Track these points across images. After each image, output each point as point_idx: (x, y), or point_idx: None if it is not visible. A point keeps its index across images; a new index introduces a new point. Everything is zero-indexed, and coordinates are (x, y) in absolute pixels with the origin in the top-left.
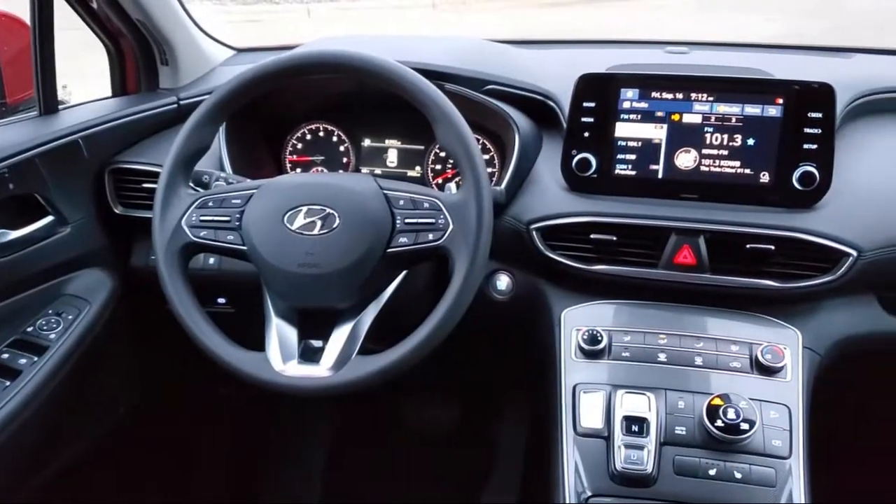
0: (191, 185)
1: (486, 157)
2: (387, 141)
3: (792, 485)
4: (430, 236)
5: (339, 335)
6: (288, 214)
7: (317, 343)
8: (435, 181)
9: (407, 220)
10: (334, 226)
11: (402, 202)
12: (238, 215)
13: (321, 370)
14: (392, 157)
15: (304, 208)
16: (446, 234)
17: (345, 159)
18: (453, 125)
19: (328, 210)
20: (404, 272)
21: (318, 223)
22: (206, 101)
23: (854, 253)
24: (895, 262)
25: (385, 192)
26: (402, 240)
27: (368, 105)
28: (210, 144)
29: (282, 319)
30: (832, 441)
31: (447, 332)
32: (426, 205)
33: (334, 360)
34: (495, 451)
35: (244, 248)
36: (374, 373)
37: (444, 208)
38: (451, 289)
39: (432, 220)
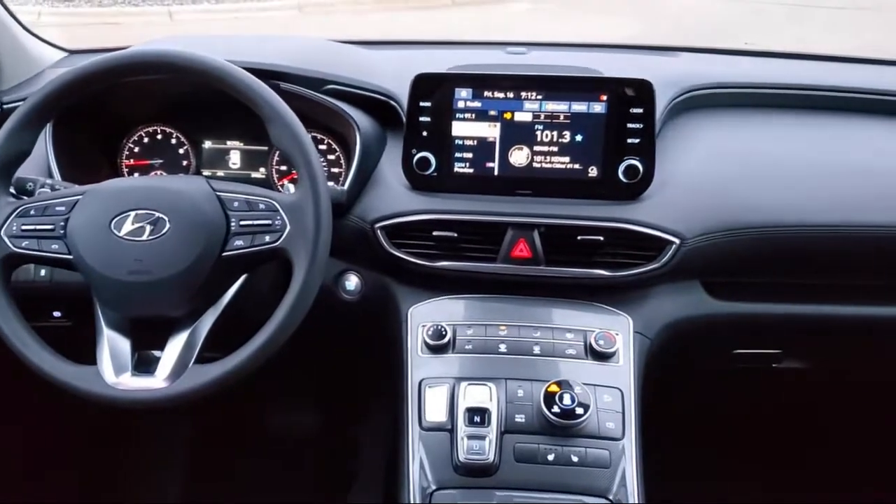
0: (12, 192)
1: (332, 157)
2: (229, 142)
3: (625, 464)
4: (267, 238)
5: (175, 344)
6: (115, 220)
7: (152, 353)
8: (280, 182)
9: (242, 222)
10: (164, 230)
11: (236, 204)
12: (62, 223)
13: (156, 381)
14: (235, 159)
15: (132, 213)
16: (284, 235)
17: (185, 162)
18: (286, 124)
19: (157, 214)
20: (244, 276)
21: (148, 228)
22: (23, 105)
23: (677, 241)
24: (715, 248)
25: (218, 193)
26: (238, 242)
27: (209, 106)
28: (30, 150)
29: (113, 330)
30: (664, 420)
31: (288, 335)
32: (262, 206)
33: (170, 370)
34: (360, 453)
35: (69, 257)
36: (212, 381)
37: (280, 209)
38: (290, 291)
39: (268, 222)
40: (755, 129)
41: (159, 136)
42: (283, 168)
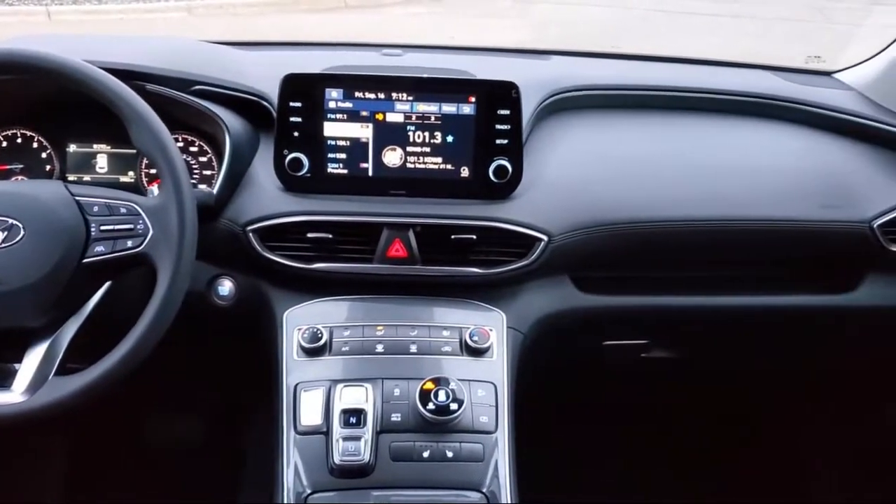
0: None
1: (204, 159)
2: (95, 146)
3: (498, 456)
4: (129, 243)
5: (34, 356)
6: None
7: (10, 366)
8: (150, 186)
9: (103, 228)
10: (18, 238)
11: (96, 208)
12: None
13: (13, 396)
14: (102, 163)
15: None
16: (146, 240)
17: (48, 167)
18: (147, 126)
19: (10, 221)
20: (108, 283)
21: (0, 235)
22: None
23: (545, 238)
24: (580, 244)
25: (77, 198)
26: (99, 249)
27: (73, 108)
28: None
29: None
30: (537, 411)
31: (154, 344)
32: (123, 210)
33: (28, 383)
34: (247, 459)
35: None
36: (74, 393)
37: (142, 213)
38: (154, 298)
39: (130, 226)
40: (620, 129)
41: (19, 140)
42: (153, 171)
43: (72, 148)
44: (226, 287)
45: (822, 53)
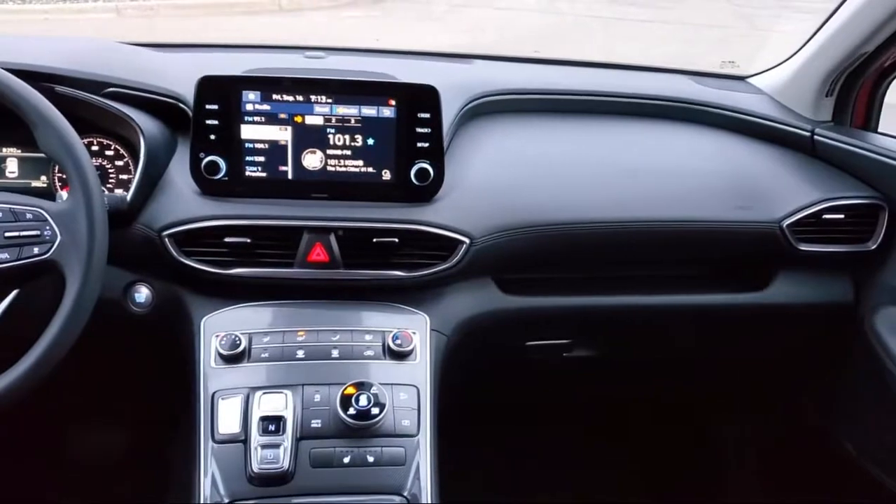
0: None
1: (121, 163)
2: (4, 149)
3: (420, 459)
4: (36, 250)
5: None
6: None
7: None
8: (61, 191)
9: (7, 234)
10: None
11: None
12: None
13: None
14: (12, 168)
15: None
16: (54, 247)
17: None
18: (54, 129)
19: None
20: (15, 292)
21: None
22: None
23: (467, 240)
24: (502, 246)
25: None
26: (3, 256)
27: None
28: None
29: None
30: (460, 413)
31: (62, 354)
32: (29, 216)
33: None
34: (171, 468)
35: None
36: None
37: (49, 218)
38: (62, 307)
39: (37, 233)
40: (541, 133)
41: None
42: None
43: None
44: (142, 294)
45: (746, 58)
